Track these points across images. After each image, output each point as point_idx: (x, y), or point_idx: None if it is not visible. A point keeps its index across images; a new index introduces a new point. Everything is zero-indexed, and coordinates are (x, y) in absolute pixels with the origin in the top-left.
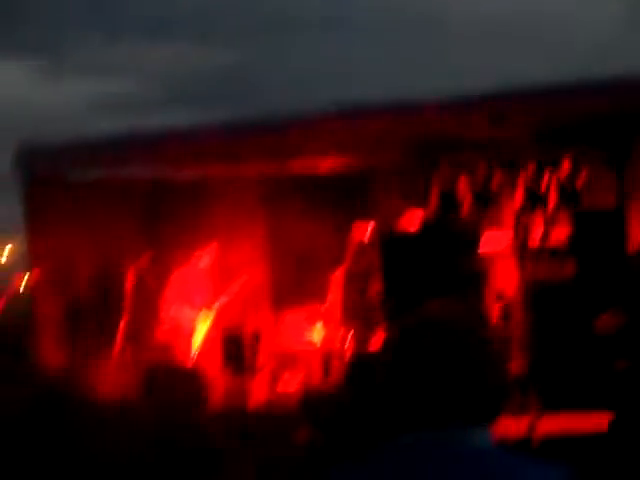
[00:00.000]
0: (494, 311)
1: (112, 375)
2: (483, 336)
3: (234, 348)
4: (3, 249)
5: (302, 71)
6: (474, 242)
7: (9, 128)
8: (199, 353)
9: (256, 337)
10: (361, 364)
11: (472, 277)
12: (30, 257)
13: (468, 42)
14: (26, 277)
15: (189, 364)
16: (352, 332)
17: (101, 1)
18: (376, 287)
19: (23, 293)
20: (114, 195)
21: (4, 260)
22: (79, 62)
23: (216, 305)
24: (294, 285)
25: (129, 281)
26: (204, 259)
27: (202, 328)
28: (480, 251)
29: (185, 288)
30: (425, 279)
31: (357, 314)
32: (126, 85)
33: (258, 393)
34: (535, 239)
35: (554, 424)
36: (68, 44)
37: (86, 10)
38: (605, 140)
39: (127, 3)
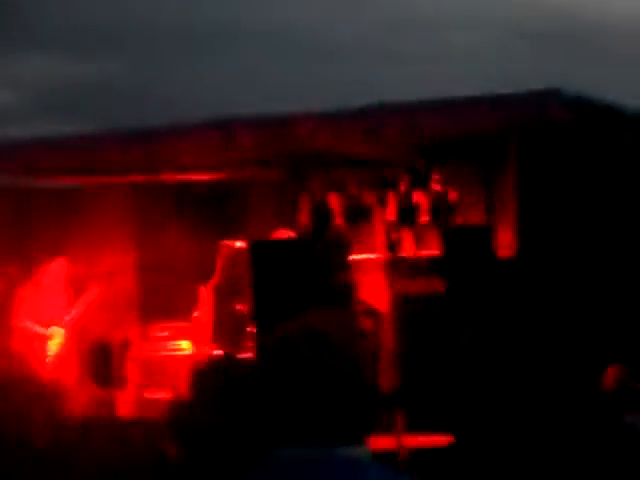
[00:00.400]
0: (365, 326)
1: None
2: (356, 350)
3: (101, 359)
4: None
5: (178, 84)
6: (344, 257)
7: None
8: (54, 365)
9: (124, 347)
10: (229, 377)
11: (342, 292)
12: None
13: (339, 57)
14: None
15: (43, 375)
16: (221, 346)
17: None
18: (245, 302)
19: None
20: None
21: None
22: None
23: (68, 318)
24: (162, 297)
25: None
26: (52, 271)
27: (55, 340)
28: (350, 263)
29: (34, 300)
30: (295, 295)
31: (226, 329)
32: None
33: (124, 405)
34: (405, 254)
35: (419, 441)
36: None
37: None
38: (475, 156)
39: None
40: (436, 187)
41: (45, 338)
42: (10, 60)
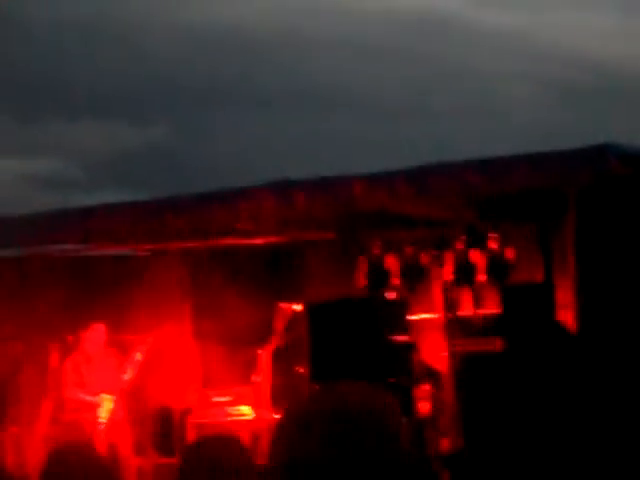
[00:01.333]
0: (424, 386)
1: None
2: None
3: (162, 426)
4: None
5: (230, 148)
6: (403, 317)
7: None
8: (107, 432)
9: (185, 414)
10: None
11: (401, 352)
12: None
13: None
14: None
15: (97, 443)
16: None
17: (15, 82)
18: (304, 364)
19: None
20: (37, 271)
21: None
22: (3, 142)
23: (118, 386)
24: (221, 362)
25: (52, 359)
26: (95, 339)
27: (105, 407)
28: (408, 324)
29: (80, 372)
30: (353, 356)
31: (285, 392)
32: (50, 164)
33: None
34: (464, 313)
35: None
36: None
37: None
38: (532, 214)
39: (46, 83)
40: (493, 245)
41: (94, 406)
42: (61, 128)
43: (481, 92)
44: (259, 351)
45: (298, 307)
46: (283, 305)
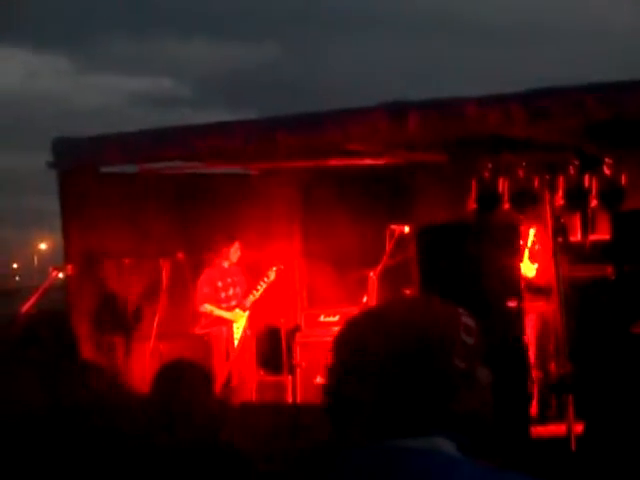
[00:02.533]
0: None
1: (144, 369)
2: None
3: (270, 344)
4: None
5: (338, 69)
6: (514, 241)
7: (46, 119)
8: (239, 349)
9: (293, 333)
10: None
11: (511, 276)
12: (66, 249)
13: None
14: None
15: (226, 361)
16: None
17: (142, 3)
18: (414, 287)
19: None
20: (148, 188)
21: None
22: (120, 60)
23: (250, 301)
24: (330, 283)
25: (165, 275)
26: (231, 255)
27: (240, 324)
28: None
29: (216, 286)
30: (462, 280)
31: None
32: (165, 83)
33: (294, 390)
34: (575, 239)
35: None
36: (102, 41)
37: (120, 8)
38: None
39: (167, 4)
40: (607, 171)
41: (229, 322)
42: (172, 47)
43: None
44: (370, 272)
45: (407, 229)
46: (394, 226)
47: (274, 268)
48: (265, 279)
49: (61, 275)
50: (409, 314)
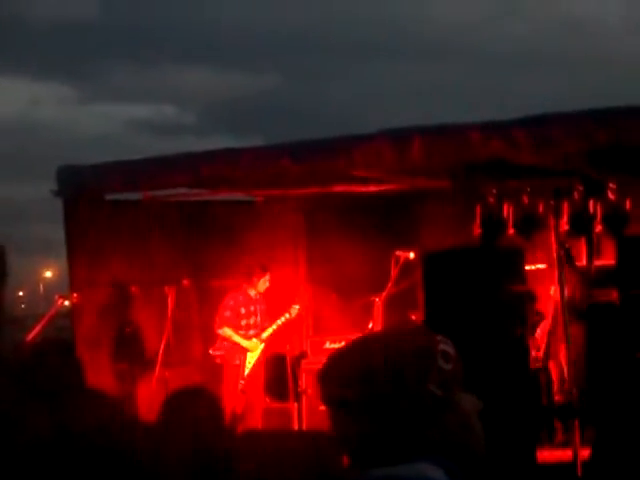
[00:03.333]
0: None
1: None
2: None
3: (276, 371)
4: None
5: (341, 97)
6: (519, 266)
7: (49, 148)
8: (249, 377)
9: (298, 360)
10: None
11: (516, 302)
12: (71, 277)
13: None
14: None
15: (238, 387)
16: None
17: (145, 32)
18: (419, 313)
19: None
20: (153, 216)
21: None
22: (123, 88)
23: (267, 334)
24: (336, 309)
25: (170, 302)
26: (260, 285)
27: (254, 353)
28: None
29: (238, 312)
30: (468, 305)
31: None
32: (168, 111)
33: (299, 417)
34: (580, 264)
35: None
36: (112, 71)
37: (122, 36)
38: None
39: (161, 30)
40: (611, 196)
41: (245, 350)
42: (171, 74)
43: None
44: (375, 298)
45: (412, 255)
46: (399, 252)
47: (297, 306)
48: (287, 315)
49: (67, 303)
50: (384, 346)
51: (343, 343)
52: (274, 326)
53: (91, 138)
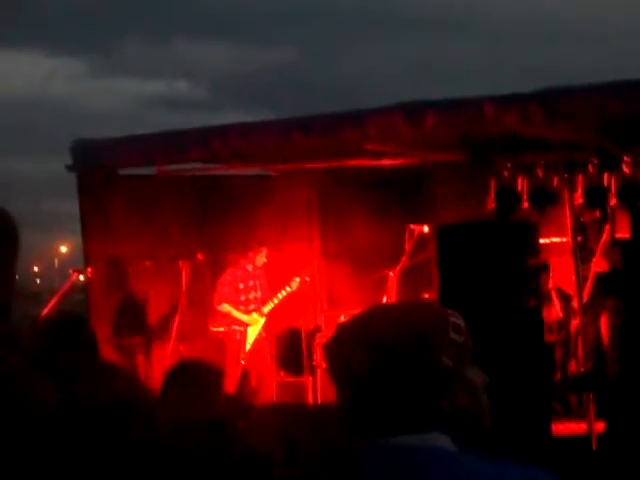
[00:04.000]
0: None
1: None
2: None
3: (290, 346)
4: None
5: (353, 71)
6: (533, 240)
7: (63, 123)
8: (252, 351)
9: (313, 334)
10: None
11: (531, 276)
12: (85, 252)
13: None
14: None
15: (240, 362)
16: None
17: (157, 6)
18: (431, 287)
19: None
20: (167, 190)
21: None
22: (136, 63)
23: (268, 308)
24: (349, 283)
25: (184, 276)
26: (257, 260)
27: (255, 327)
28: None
29: (237, 287)
30: (482, 279)
31: None
32: (181, 86)
33: (314, 391)
34: (594, 237)
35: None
36: (126, 46)
37: (134, 11)
38: None
39: (182, 6)
40: (626, 169)
41: (246, 324)
42: (186, 49)
43: None
44: (389, 272)
45: (426, 229)
46: (413, 226)
47: (297, 279)
48: (287, 288)
49: (82, 277)
50: (396, 317)
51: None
52: (275, 300)
53: (104, 114)
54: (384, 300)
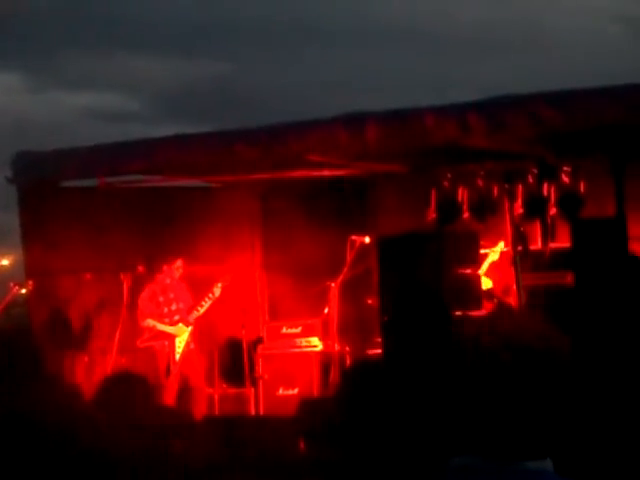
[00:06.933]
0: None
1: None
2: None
3: (232, 357)
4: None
5: (293, 81)
6: (474, 250)
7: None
8: (181, 362)
9: (254, 345)
10: (360, 373)
11: (470, 286)
12: (26, 265)
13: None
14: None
15: (170, 373)
16: (350, 342)
17: (92, 19)
18: (373, 297)
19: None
20: (109, 202)
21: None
22: (72, 76)
23: (194, 317)
24: (291, 294)
25: (126, 289)
26: (174, 272)
27: (182, 338)
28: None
29: (157, 302)
30: (423, 288)
31: (354, 325)
32: (116, 99)
33: (256, 402)
34: (534, 247)
35: None
36: (61, 58)
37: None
38: (606, 148)
39: (117, 19)
40: (565, 179)
41: (171, 336)
42: (121, 62)
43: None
44: (331, 283)
45: (367, 239)
46: (355, 237)
47: (219, 284)
48: (210, 295)
49: (23, 290)
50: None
51: (299, 329)
52: (200, 308)
53: (41, 127)
54: (325, 311)
